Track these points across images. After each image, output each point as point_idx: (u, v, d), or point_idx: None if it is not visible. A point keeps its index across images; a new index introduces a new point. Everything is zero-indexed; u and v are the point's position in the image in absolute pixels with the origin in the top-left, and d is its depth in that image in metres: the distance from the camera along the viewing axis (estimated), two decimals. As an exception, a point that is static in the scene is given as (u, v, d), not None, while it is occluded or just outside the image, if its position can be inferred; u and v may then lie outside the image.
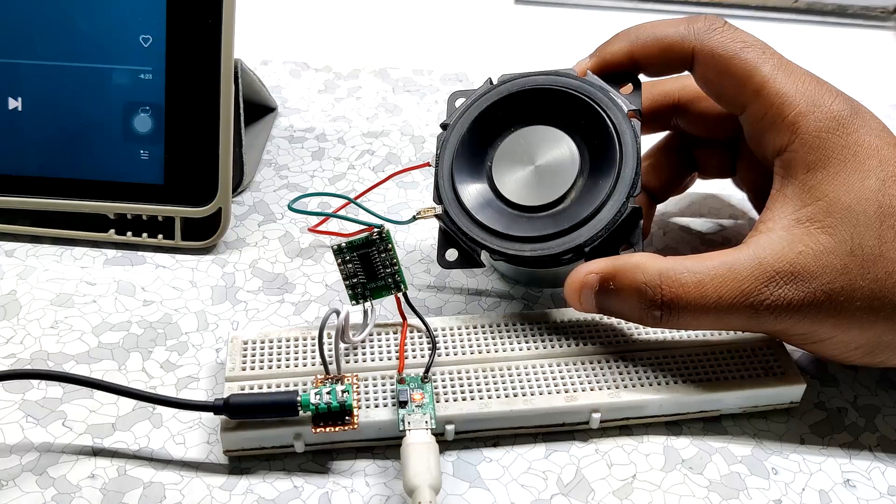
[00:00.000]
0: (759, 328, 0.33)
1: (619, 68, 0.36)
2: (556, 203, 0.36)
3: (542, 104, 0.37)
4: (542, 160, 0.37)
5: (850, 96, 0.34)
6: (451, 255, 0.37)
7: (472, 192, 0.37)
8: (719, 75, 0.34)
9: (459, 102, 0.39)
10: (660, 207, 0.43)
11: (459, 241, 0.37)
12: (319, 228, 0.42)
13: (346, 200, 0.43)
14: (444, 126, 0.39)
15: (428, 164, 0.39)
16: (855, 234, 0.31)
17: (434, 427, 0.32)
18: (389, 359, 0.34)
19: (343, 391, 0.31)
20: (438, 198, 0.37)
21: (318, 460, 0.33)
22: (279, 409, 0.31)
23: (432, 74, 0.56)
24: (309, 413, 0.31)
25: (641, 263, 0.33)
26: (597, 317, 0.36)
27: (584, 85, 0.37)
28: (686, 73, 0.36)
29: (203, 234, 0.41)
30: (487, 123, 0.38)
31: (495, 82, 0.39)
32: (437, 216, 0.37)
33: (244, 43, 0.46)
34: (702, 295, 0.31)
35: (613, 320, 0.36)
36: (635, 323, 0.35)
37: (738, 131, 0.36)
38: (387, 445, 0.33)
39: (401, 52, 0.59)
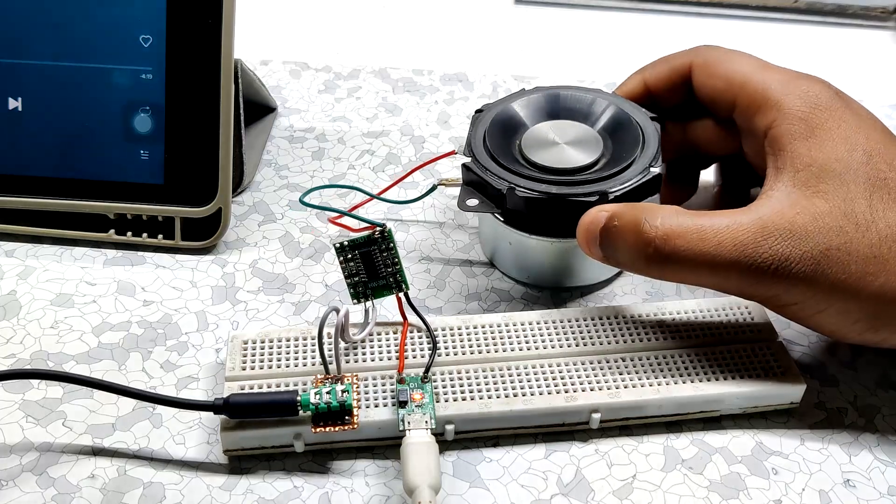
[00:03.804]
0: (756, 290, 0.33)
1: (636, 98, 0.41)
2: (582, 170, 0.38)
3: (568, 105, 0.41)
4: (569, 139, 0.39)
5: (830, 83, 0.36)
6: (472, 202, 0.38)
7: (505, 155, 0.39)
8: (710, 77, 0.38)
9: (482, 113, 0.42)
10: None
11: (486, 185, 0.38)
12: (337, 221, 0.42)
13: (369, 196, 0.43)
14: (479, 110, 0.41)
15: (454, 153, 0.41)
16: (848, 199, 0.32)
17: (434, 427, 0.32)
18: (389, 359, 0.34)
19: (343, 391, 0.31)
20: (469, 152, 0.39)
21: (318, 460, 0.33)
22: (279, 408, 0.31)
23: (432, 74, 0.56)
24: (309, 413, 0.31)
25: (650, 207, 0.34)
26: (597, 316, 0.36)
27: (609, 94, 0.41)
28: (692, 51, 0.40)
29: (203, 234, 0.41)
30: (516, 114, 0.41)
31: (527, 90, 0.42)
32: (464, 165, 0.39)
33: (244, 43, 0.46)
34: (700, 239, 0.32)
35: (613, 320, 0.36)
36: (629, 269, 0.35)
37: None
38: (387, 445, 0.33)
39: (401, 52, 0.59)
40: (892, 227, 0.32)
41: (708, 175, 0.45)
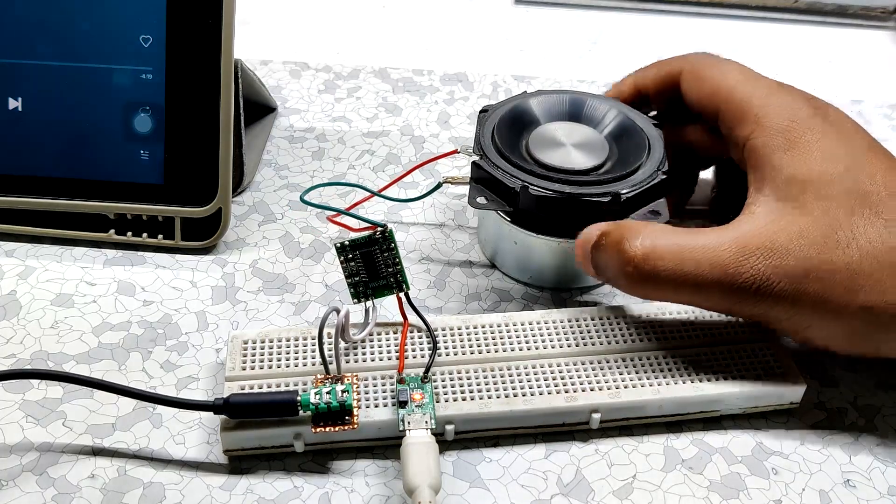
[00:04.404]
0: (740, 308, 0.33)
1: (627, 100, 0.42)
2: (590, 172, 0.38)
3: (574, 109, 0.42)
4: (575, 141, 0.40)
5: (816, 97, 0.36)
6: (482, 200, 0.38)
7: (513, 154, 0.39)
8: (698, 85, 0.38)
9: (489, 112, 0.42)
10: None
11: (497, 183, 0.38)
12: (336, 220, 0.42)
13: (371, 193, 0.43)
14: (483, 110, 0.42)
15: (457, 152, 0.41)
16: (828, 214, 0.32)
17: (434, 427, 0.32)
18: (389, 359, 0.34)
19: (343, 391, 0.31)
20: (479, 150, 0.39)
21: (318, 460, 0.33)
22: (279, 408, 0.31)
23: (432, 74, 0.56)
24: (309, 413, 0.31)
25: (637, 226, 0.34)
26: (597, 317, 0.36)
27: (614, 100, 0.42)
28: (683, 58, 0.40)
29: (203, 234, 0.41)
30: (523, 114, 0.41)
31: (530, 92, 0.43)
32: (474, 163, 0.39)
33: (244, 43, 0.46)
34: (681, 260, 0.32)
35: (613, 320, 0.36)
36: (615, 285, 0.35)
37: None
38: (387, 445, 0.33)
39: (401, 52, 0.59)
40: (872, 242, 0.31)
41: (707, 174, 0.45)
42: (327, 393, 0.31)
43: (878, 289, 0.31)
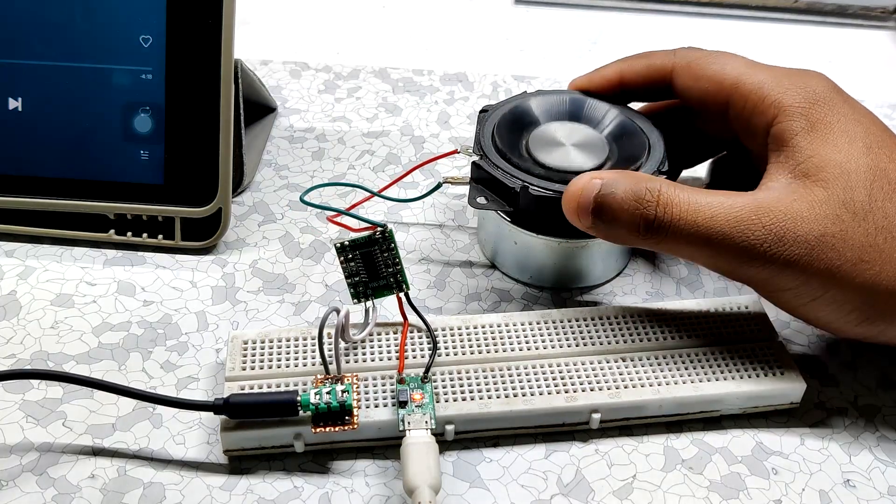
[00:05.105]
0: (747, 270, 0.33)
1: (609, 88, 0.41)
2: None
3: (572, 108, 0.41)
4: (576, 141, 0.39)
5: (830, 78, 0.36)
6: (482, 200, 0.38)
7: (512, 154, 0.39)
8: (697, 80, 0.37)
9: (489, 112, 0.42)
10: None
11: (497, 183, 0.38)
12: (336, 220, 0.42)
13: (371, 193, 0.43)
14: (483, 110, 0.41)
15: (456, 152, 0.41)
16: (847, 188, 0.32)
17: (434, 427, 0.32)
18: (389, 359, 0.34)
19: (343, 391, 0.31)
20: (479, 150, 0.39)
21: (318, 460, 0.33)
22: (279, 408, 0.31)
23: (432, 74, 0.56)
24: (309, 413, 0.31)
25: (645, 175, 0.34)
26: (597, 316, 0.36)
27: (615, 101, 0.41)
28: (672, 54, 0.39)
29: (203, 235, 0.41)
30: (523, 114, 0.41)
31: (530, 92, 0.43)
32: (475, 163, 0.39)
33: (244, 43, 0.46)
34: (696, 210, 0.32)
35: (613, 320, 0.36)
36: (621, 240, 0.35)
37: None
38: (387, 445, 0.33)
39: (401, 52, 0.59)
40: (889, 218, 0.32)
41: (699, 172, 0.45)
42: (327, 393, 0.31)
43: (888, 265, 0.31)
